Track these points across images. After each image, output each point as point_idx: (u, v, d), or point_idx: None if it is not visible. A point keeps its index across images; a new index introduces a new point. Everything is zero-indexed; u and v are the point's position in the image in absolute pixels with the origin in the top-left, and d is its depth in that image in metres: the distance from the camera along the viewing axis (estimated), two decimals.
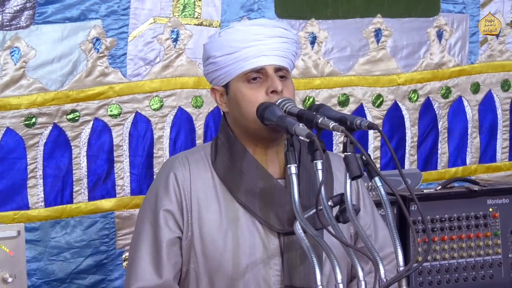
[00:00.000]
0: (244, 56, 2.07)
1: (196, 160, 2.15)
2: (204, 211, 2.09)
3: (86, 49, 2.68)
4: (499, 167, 3.39)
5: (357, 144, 1.79)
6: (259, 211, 2.06)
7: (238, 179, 2.09)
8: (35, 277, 2.66)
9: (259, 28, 2.11)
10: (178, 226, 2.10)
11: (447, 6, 3.22)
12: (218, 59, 2.10)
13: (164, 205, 2.10)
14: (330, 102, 3.04)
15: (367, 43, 3.11)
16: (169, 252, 2.09)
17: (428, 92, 3.23)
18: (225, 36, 2.11)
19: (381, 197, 1.83)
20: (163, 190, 2.12)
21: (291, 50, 2.13)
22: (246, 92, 2.07)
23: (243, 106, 2.08)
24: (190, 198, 2.10)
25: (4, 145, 2.60)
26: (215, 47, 2.11)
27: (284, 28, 2.15)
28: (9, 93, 2.59)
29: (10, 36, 2.56)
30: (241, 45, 2.07)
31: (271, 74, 2.06)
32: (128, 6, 2.73)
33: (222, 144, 2.14)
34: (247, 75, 2.07)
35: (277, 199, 2.07)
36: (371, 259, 1.80)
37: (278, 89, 2.04)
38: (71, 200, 2.71)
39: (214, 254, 2.07)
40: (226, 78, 2.10)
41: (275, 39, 2.09)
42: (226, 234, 2.07)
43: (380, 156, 3.16)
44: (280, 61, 2.08)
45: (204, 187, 2.11)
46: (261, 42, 2.07)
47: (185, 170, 2.12)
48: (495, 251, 2.90)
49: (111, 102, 2.75)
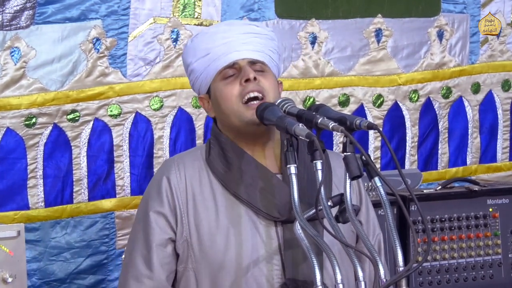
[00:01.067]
0: (216, 55, 2.07)
1: (193, 160, 2.15)
2: (201, 210, 2.09)
3: (86, 49, 2.68)
4: (500, 167, 3.39)
5: (357, 144, 1.79)
6: (261, 206, 2.06)
7: (238, 178, 2.08)
8: (35, 277, 2.67)
9: (227, 27, 2.13)
10: (170, 227, 2.10)
11: (448, 6, 3.21)
12: (194, 65, 2.11)
13: (155, 207, 2.10)
14: (330, 102, 3.04)
15: (368, 43, 3.11)
16: (159, 253, 2.09)
17: (428, 92, 3.23)
18: (195, 41, 2.13)
19: (380, 197, 1.82)
20: (155, 193, 2.12)
21: (266, 45, 2.11)
22: (222, 89, 2.07)
23: (222, 103, 2.08)
24: (185, 199, 2.10)
25: (4, 145, 2.61)
26: (190, 53, 2.13)
27: (255, 25, 2.15)
28: (9, 93, 2.59)
29: (10, 36, 2.57)
30: (212, 45, 2.08)
31: (243, 66, 2.06)
32: (128, 6, 2.73)
33: (214, 145, 2.14)
34: (222, 73, 2.08)
35: (277, 194, 2.07)
36: (370, 259, 1.80)
37: (250, 76, 2.03)
38: (71, 200, 2.72)
39: (215, 253, 2.07)
40: (207, 83, 2.11)
41: (246, 35, 2.10)
42: (227, 232, 2.07)
43: (381, 156, 3.16)
44: (253, 55, 2.08)
45: (201, 187, 2.11)
46: (231, 39, 2.08)
47: (181, 172, 2.12)
48: (495, 251, 2.90)
49: (111, 102, 2.75)
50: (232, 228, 2.07)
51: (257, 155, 2.12)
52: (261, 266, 2.06)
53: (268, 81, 2.08)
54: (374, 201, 2.32)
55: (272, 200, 2.06)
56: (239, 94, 2.05)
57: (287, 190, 2.00)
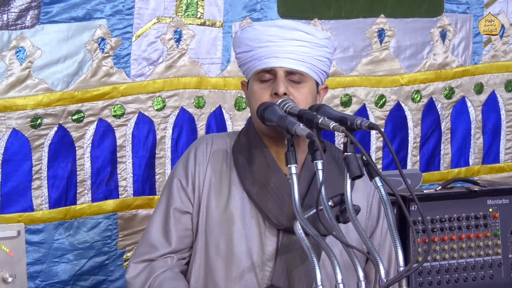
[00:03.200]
0: (258, 55, 2.08)
1: (221, 143, 2.18)
2: (214, 197, 2.12)
3: (92, 49, 2.68)
4: (502, 168, 3.39)
5: (357, 144, 1.79)
6: (263, 205, 2.07)
7: (250, 169, 2.10)
8: (38, 279, 2.67)
9: (275, 30, 2.10)
10: (189, 200, 2.14)
11: (451, 6, 3.21)
12: (239, 55, 2.14)
13: (180, 176, 2.15)
14: (332, 103, 3.04)
15: (370, 43, 3.11)
16: (176, 221, 2.13)
17: (431, 92, 3.23)
18: (243, 34, 2.14)
19: (381, 197, 1.83)
20: (183, 164, 2.17)
21: (312, 54, 2.09)
22: (255, 91, 2.09)
23: (251, 103, 2.11)
24: (204, 178, 2.14)
25: (9, 147, 2.61)
26: (236, 43, 2.15)
27: (305, 32, 2.11)
28: (15, 94, 2.59)
29: (16, 35, 2.57)
30: (256, 45, 2.09)
31: (279, 76, 2.06)
32: (132, 5, 2.73)
33: (243, 133, 2.17)
34: (259, 74, 2.09)
35: (283, 197, 2.07)
36: (371, 260, 1.80)
37: (279, 91, 2.04)
38: (74, 201, 2.72)
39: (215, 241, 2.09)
40: (247, 75, 2.15)
41: (291, 41, 2.08)
42: (231, 225, 2.09)
43: (382, 157, 3.16)
44: (293, 64, 2.07)
45: (221, 173, 2.13)
46: (274, 44, 2.07)
47: (208, 148, 2.16)
48: (495, 251, 2.90)
49: (115, 102, 2.75)
50: (236, 222, 2.09)
51: (281, 157, 2.08)
52: (254, 266, 2.07)
53: (301, 94, 2.07)
54: None
55: (280, 206, 2.07)
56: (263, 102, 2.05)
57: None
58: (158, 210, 2.17)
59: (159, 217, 2.16)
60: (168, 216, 2.14)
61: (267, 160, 2.10)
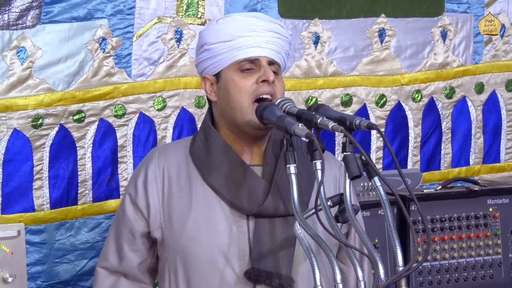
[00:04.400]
0: (239, 45, 2.08)
1: (176, 149, 2.18)
2: (175, 199, 2.12)
3: (93, 49, 2.68)
4: (503, 168, 3.38)
5: (356, 144, 1.79)
6: (229, 195, 2.08)
7: (210, 164, 2.11)
8: (40, 279, 2.67)
9: (256, 20, 2.12)
10: (141, 215, 2.14)
11: (452, 6, 3.21)
12: (213, 46, 2.10)
13: (130, 192, 2.16)
14: (333, 102, 3.04)
15: (371, 43, 3.10)
16: (129, 239, 2.15)
17: (431, 92, 3.23)
18: (222, 23, 2.13)
19: (380, 197, 1.82)
20: (133, 180, 2.17)
21: (284, 48, 2.14)
22: (237, 80, 2.08)
23: (232, 94, 2.08)
24: (162, 188, 2.13)
25: (11, 147, 2.60)
26: (211, 34, 2.12)
27: (280, 25, 2.16)
28: (16, 94, 2.59)
29: (17, 35, 2.56)
30: (237, 34, 2.08)
31: (264, 65, 2.07)
32: (133, 5, 2.73)
33: (200, 131, 2.17)
34: (240, 64, 2.08)
35: (247, 184, 2.08)
36: (370, 259, 1.80)
37: (270, 78, 2.05)
38: (76, 201, 2.72)
39: (185, 242, 2.09)
40: (219, 67, 2.11)
41: (271, 33, 2.11)
42: (198, 222, 2.08)
43: (383, 157, 3.16)
44: (274, 55, 2.10)
45: (178, 177, 2.13)
46: (257, 34, 2.09)
47: (160, 161, 2.15)
48: (495, 251, 2.90)
49: (116, 102, 2.75)
50: (203, 218, 2.09)
51: (242, 148, 2.12)
52: (229, 257, 2.07)
53: (280, 85, 2.10)
54: (374, 201, 2.33)
55: (245, 194, 2.07)
56: (252, 92, 2.07)
57: (262, 184, 2.05)
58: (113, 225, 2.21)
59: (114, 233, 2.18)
60: (121, 235, 2.16)
61: (226, 153, 2.10)
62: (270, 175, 2.10)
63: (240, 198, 2.08)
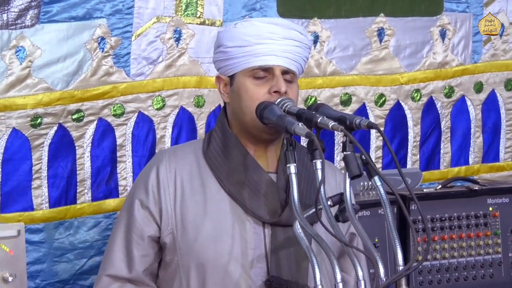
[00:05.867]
0: (255, 52, 2.08)
1: (186, 152, 2.17)
2: (188, 203, 2.11)
3: (91, 48, 2.68)
4: (502, 167, 3.38)
5: (356, 143, 1.80)
6: (246, 202, 2.08)
7: (228, 169, 2.10)
8: (39, 278, 2.66)
9: (274, 27, 2.11)
10: (153, 219, 2.12)
11: (450, 5, 3.21)
12: (229, 49, 2.11)
13: (140, 196, 2.13)
14: (332, 102, 3.04)
15: (370, 43, 3.10)
16: (138, 243, 2.12)
17: (431, 91, 3.23)
18: (240, 28, 2.13)
19: (380, 197, 1.83)
20: (143, 183, 2.15)
21: (302, 55, 2.13)
22: (249, 87, 2.08)
23: (244, 100, 2.09)
24: (174, 191, 2.11)
25: (9, 146, 2.60)
26: (229, 37, 2.13)
27: (300, 32, 2.14)
28: (14, 93, 2.58)
29: (16, 35, 2.56)
30: (254, 40, 2.09)
31: (277, 75, 2.07)
32: (132, 5, 2.73)
33: (217, 135, 2.15)
34: (254, 71, 2.09)
35: (264, 191, 2.08)
36: (370, 259, 1.81)
37: (282, 90, 2.05)
38: (74, 200, 2.71)
39: (200, 247, 2.08)
40: (233, 70, 2.12)
41: (289, 41, 2.10)
42: (214, 227, 2.08)
43: (382, 156, 3.16)
44: (289, 64, 2.09)
45: (191, 180, 2.12)
46: (273, 41, 2.08)
47: (171, 163, 2.13)
48: (495, 250, 2.90)
49: (115, 101, 2.75)
50: (219, 223, 2.08)
51: (258, 154, 2.13)
52: (245, 264, 2.07)
53: (293, 93, 2.10)
54: (374, 200, 2.33)
55: (263, 201, 2.07)
56: (263, 101, 2.06)
57: (279, 192, 2.04)
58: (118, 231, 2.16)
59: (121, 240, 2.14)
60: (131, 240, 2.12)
61: (245, 159, 2.10)
62: (285, 183, 2.10)
63: (258, 206, 2.07)
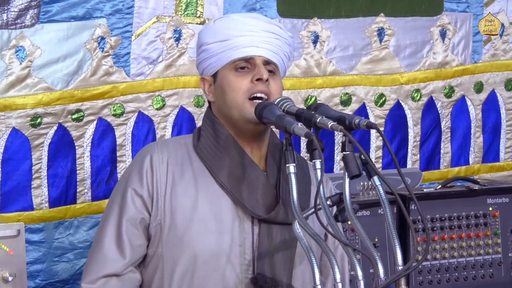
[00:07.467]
0: (235, 44, 2.09)
1: (178, 144, 2.16)
2: (179, 196, 2.10)
3: (91, 48, 2.68)
4: (502, 167, 3.39)
5: (356, 143, 1.79)
6: (239, 196, 2.08)
7: (222, 162, 2.10)
8: (39, 278, 2.66)
9: (253, 20, 2.14)
10: (145, 208, 2.10)
11: (451, 5, 3.21)
12: (210, 46, 2.12)
13: (134, 184, 2.11)
14: (332, 102, 3.04)
15: (370, 42, 3.11)
16: (129, 230, 2.09)
17: (431, 91, 3.23)
18: (219, 23, 2.14)
19: (380, 197, 1.83)
20: (137, 171, 2.12)
21: (283, 49, 2.14)
22: (231, 79, 2.09)
23: (227, 93, 2.10)
24: (165, 182, 2.10)
25: (9, 146, 2.60)
26: (209, 33, 2.14)
27: (279, 26, 2.17)
28: (14, 93, 2.59)
29: (15, 35, 2.56)
30: (234, 33, 2.10)
31: (258, 64, 2.08)
32: (132, 5, 2.73)
33: (207, 130, 2.15)
34: (236, 63, 2.10)
35: (258, 187, 2.08)
36: (369, 258, 1.80)
37: (264, 77, 2.06)
38: (74, 200, 2.72)
39: (190, 240, 2.07)
40: (216, 67, 2.12)
41: (268, 33, 2.12)
42: (205, 220, 2.08)
43: (382, 156, 3.16)
44: (270, 55, 2.10)
45: (182, 172, 2.11)
46: (253, 33, 2.10)
47: (163, 154, 2.12)
48: (495, 250, 2.90)
49: (114, 101, 2.75)
50: (211, 216, 2.08)
51: (248, 150, 2.13)
52: (233, 259, 2.07)
53: (276, 84, 2.11)
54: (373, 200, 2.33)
55: (256, 197, 2.08)
56: (247, 90, 2.07)
57: (271, 190, 2.06)
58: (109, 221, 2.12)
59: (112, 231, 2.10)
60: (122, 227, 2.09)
61: (239, 154, 2.10)
62: (274, 180, 2.11)
63: (250, 201, 2.08)
